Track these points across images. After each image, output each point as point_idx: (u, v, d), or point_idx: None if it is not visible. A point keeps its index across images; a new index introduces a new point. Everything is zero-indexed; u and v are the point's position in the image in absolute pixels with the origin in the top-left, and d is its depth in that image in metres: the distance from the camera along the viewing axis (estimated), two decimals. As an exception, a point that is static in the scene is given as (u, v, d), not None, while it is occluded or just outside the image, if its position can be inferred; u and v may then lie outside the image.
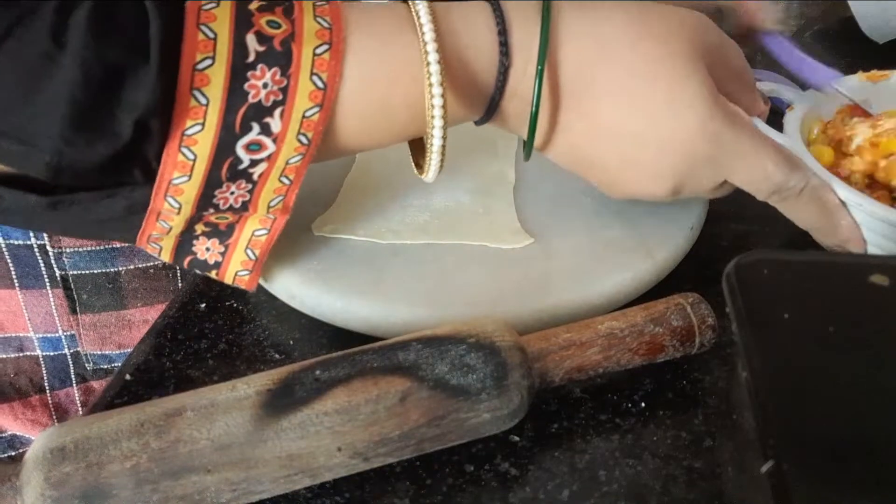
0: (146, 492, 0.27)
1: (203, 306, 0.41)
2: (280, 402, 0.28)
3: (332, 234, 0.42)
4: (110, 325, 0.53)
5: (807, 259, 0.30)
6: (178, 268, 0.52)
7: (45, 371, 0.54)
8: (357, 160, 0.48)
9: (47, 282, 0.51)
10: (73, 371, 0.54)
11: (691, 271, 0.42)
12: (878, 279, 0.27)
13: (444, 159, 0.35)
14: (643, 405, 0.34)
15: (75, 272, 0.51)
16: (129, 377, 0.37)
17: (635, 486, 0.31)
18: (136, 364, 0.37)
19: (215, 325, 0.40)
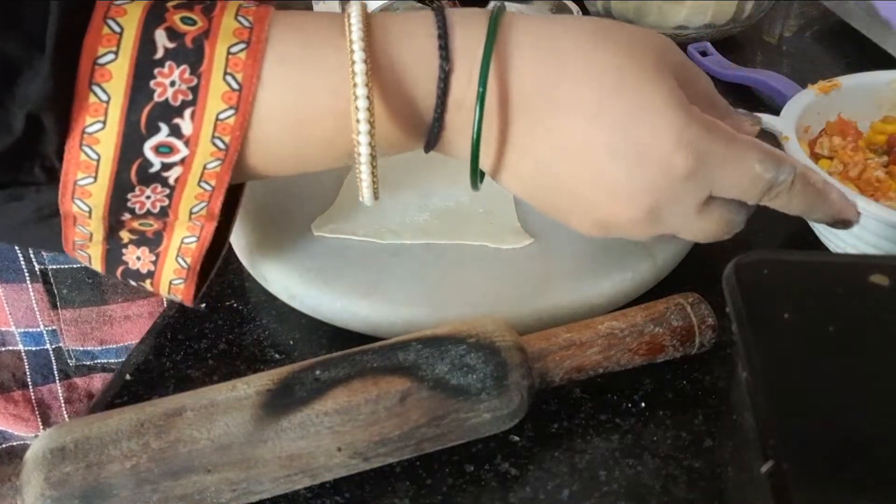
0: (146, 492, 0.27)
1: (203, 306, 0.41)
2: (280, 402, 0.28)
3: (332, 234, 0.42)
4: (91, 321, 0.52)
5: (807, 259, 0.30)
6: None
7: (27, 366, 0.54)
8: (357, 160, 0.48)
9: (27, 276, 0.51)
10: (55, 367, 0.54)
11: (691, 271, 0.42)
12: (878, 279, 0.27)
13: (376, 181, 0.32)
14: (643, 405, 0.34)
15: (54, 266, 0.50)
16: (129, 377, 0.37)
17: (635, 486, 0.31)
18: (136, 364, 0.37)
19: (215, 325, 0.40)
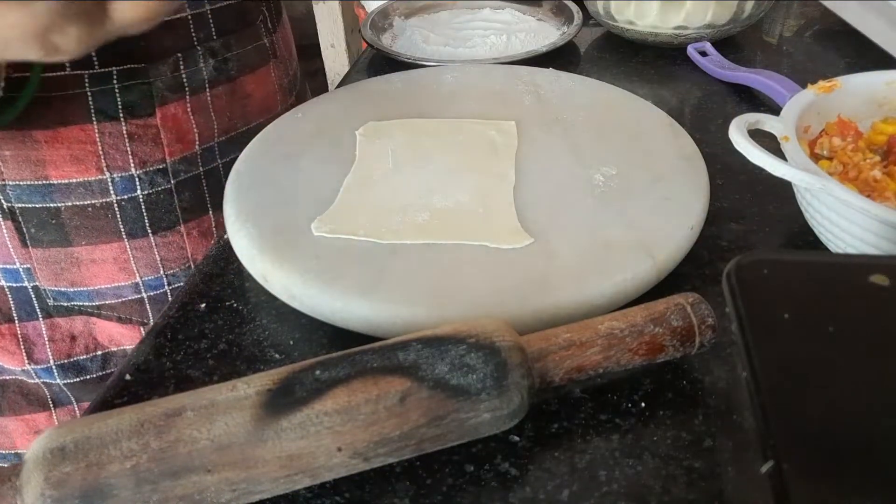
0: (146, 492, 0.27)
1: (203, 306, 0.41)
2: (280, 402, 0.28)
3: (332, 234, 0.42)
4: (60, 262, 0.54)
5: (807, 259, 0.30)
6: (116, 209, 0.53)
7: (11, 301, 0.55)
8: (357, 160, 0.48)
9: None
10: (37, 305, 0.55)
11: (691, 271, 0.42)
12: (878, 279, 0.27)
13: None
14: (643, 405, 0.34)
15: (20, 205, 0.51)
16: (129, 377, 0.37)
17: (635, 486, 0.31)
18: (136, 364, 0.37)
19: (215, 325, 0.40)
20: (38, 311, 0.56)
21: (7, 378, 0.58)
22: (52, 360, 0.57)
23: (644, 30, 0.71)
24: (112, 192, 0.53)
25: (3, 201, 0.51)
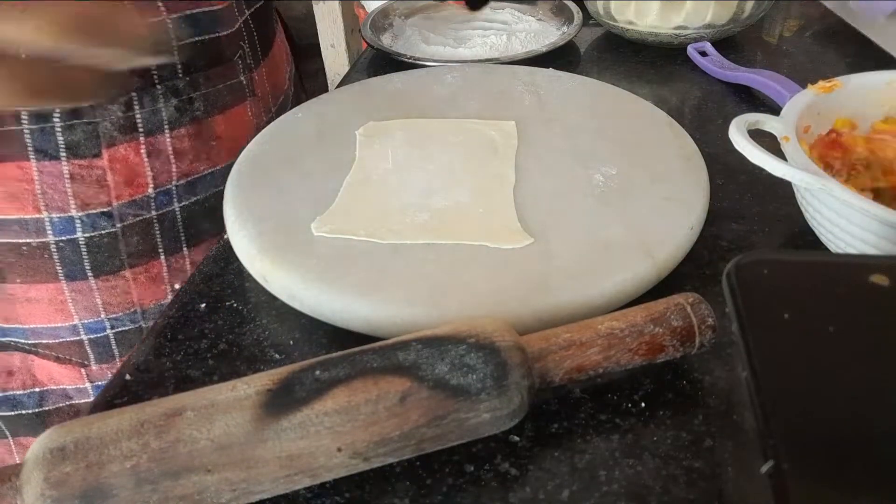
0: (146, 492, 0.27)
1: (203, 306, 0.41)
2: (280, 402, 0.28)
3: (332, 234, 0.42)
4: None
5: (807, 259, 0.30)
6: (53, 250, 0.51)
7: None
8: (357, 160, 0.48)
9: None
10: None
11: (691, 271, 0.42)
12: (878, 279, 0.27)
13: None
14: (643, 405, 0.34)
15: None
16: (129, 377, 0.37)
17: (635, 486, 0.31)
18: (136, 364, 0.37)
19: (215, 325, 0.40)
20: None
21: None
22: None
23: (644, 30, 0.71)
24: (49, 232, 0.50)
25: None
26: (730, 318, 0.27)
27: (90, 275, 0.52)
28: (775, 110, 0.47)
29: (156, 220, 0.54)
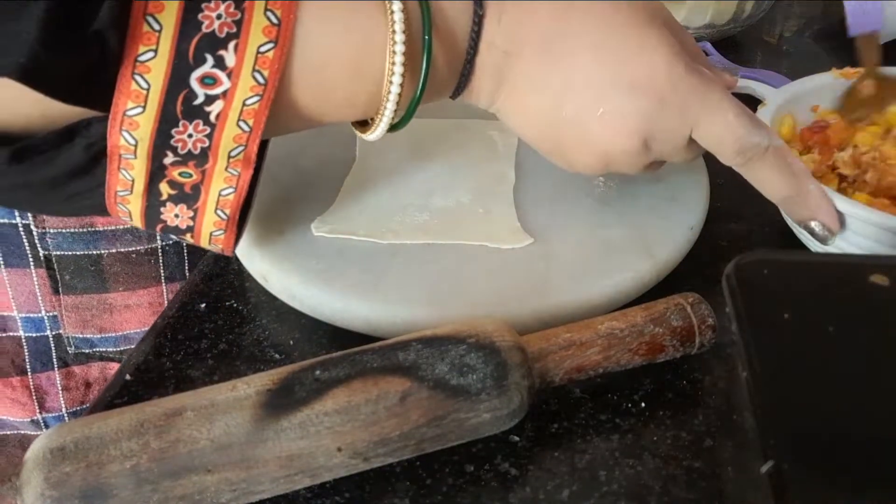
0: (146, 492, 0.27)
1: (203, 306, 0.41)
2: (280, 402, 0.28)
3: (332, 234, 0.42)
4: (92, 308, 0.53)
5: (807, 259, 0.30)
6: (160, 254, 0.53)
7: (27, 353, 0.55)
8: (357, 160, 0.48)
9: (31, 261, 0.51)
10: (55, 354, 0.55)
11: (691, 271, 0.42)
12: (878, 279, 0.27)
13: (395, 115, 0.35)
14: (643, 405, 0.34)
15: (58, 253, 0.51)
16: (129, 377, 0.37)
17: (635, 486, 0.31)
18: (136, 364, 0.37)
19: (215, 325, 0.40)
20: (54, 360, 0.55)
21: (8, 433, 0.57)
22: (64, 409, 0.56)
23: (644, 30, 0.71)
24: (158, 237, 0.52)
25: (39, 250, 0.51)
26: (730, 318, 0.27)
27: (188, 273, 0.54)
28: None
29: None
